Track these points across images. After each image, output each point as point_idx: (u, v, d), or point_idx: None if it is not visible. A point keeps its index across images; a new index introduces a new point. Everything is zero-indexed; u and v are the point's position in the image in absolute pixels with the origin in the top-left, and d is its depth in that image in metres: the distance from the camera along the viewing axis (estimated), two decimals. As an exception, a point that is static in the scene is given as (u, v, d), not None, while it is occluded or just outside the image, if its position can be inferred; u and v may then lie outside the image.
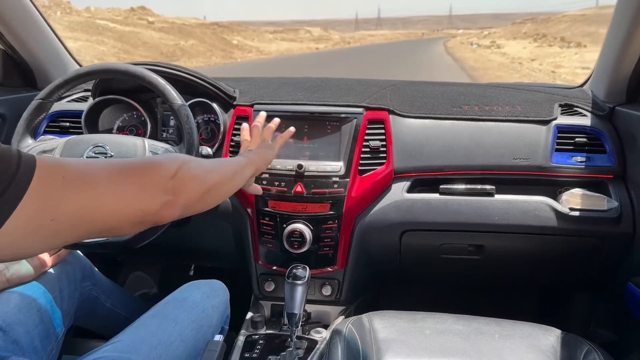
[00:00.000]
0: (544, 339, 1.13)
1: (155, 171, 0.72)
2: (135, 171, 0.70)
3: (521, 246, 1.37)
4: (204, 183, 0.81)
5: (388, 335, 1.14)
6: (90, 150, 1.18)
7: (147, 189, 0.69)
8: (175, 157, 0.78)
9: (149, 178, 0.70)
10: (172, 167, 0.74)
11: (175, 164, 0.75)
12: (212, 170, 0.86)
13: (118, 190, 0.66)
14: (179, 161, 0.76)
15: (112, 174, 0.66)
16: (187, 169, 0.77)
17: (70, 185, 0.60)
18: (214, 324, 1.13)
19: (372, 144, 1.34)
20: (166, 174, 0.73)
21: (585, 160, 1.33)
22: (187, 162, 0.78)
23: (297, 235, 1.31)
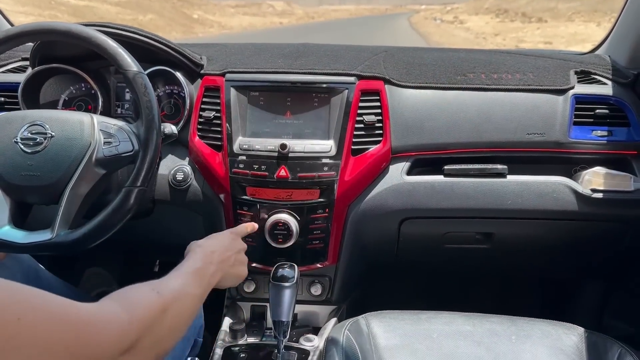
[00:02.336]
0: (566, 339, 1.01)
1: (97, 343, 0.52)
2: (69, 333, 0.50)
3: (535, 233, 1.25)
4: (167, 348, 0.65)
5: (390, 341, 1.00)
6: (26, 130, 0.96)
7: None
8: (137, 316, 0.58)
9: (84, 351, 0.51)
10: (127, 338, 0.55)
11: (134, 333, 0.56)
12: (181, 319, 0.69)
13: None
14: (139, 327, 0.58)
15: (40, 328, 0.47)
16: (151, 339, 0.59)
17: None
18: (185, 338, 0.94)
19: (367, 119, 1.16)
20: (113, 350, 0.54)
21: (607, 135, 1.20)
22: (152, 326, 0.60)
23: (281, 227, 1.13)
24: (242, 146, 1.15)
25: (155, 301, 0.63)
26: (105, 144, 0.96)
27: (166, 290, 0.67)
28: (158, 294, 0.64)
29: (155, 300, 0.63)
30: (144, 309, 0.60)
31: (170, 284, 0.71)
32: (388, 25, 34.18)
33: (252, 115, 1.19)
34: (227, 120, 1.17)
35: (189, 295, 0.73)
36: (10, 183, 0.95)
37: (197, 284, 0.78)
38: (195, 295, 0.75)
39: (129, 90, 1.16)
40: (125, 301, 0.60)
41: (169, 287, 0.69)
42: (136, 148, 0.96)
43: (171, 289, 0.69)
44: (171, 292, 0.68)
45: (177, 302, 0.67)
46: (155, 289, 0.66)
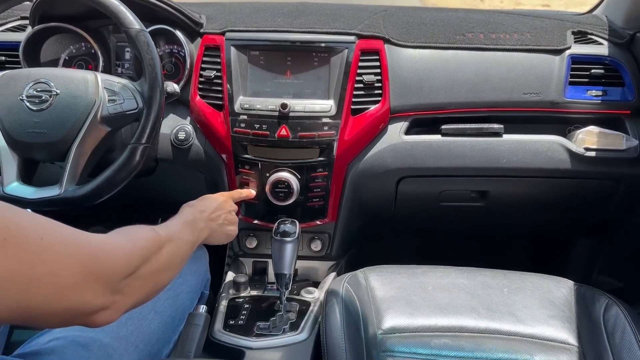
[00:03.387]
0: (556, 291, 1.05)
1: (108, 264, 0.58)
2: (84, 253, 0.56)
3: (529, 191, 1.28)
4: (163, 280, 0.72)
5: (387, 292, 1.05)
6: (31, 88, 0.97)
7: (90, 283, 0.55)
8: (139, 245, 0.66)
9: (97, 269, 0.56)
10: (130, 264, 0.62)
11: (136, 259, 0.63)
12: (175, 258, 0.76)
13: (56, 275, 0.52)
14: (141, 254, 0.65)
15: (60, 247, 0.53)
16: (149, 268, 0.66)
17: (9, 251, 0.48)
18: (193, 290, 0.99)
19: (366, 78, 1.17)
20: (120, 271, 0.60)
21: (602, 94, 1.21)
22: (150, 257, 0.66)
23: (282, 185, 1.16)
24: (243, 106, 1.17)
25: (153, 237, 0.70)
26: (110, 101, 0.97)
27: (162, 232, 0.74)
28: (156, 233, 0.72)
29: (153, 236, 0.71)
30: (144, 241, 0.68)
31: (165, 228, 0.79)
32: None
33: (253, 75, 1.19)
34: (228, 79, 1.18)
35: (181, 239, 0.80)
36: (17, 140, 0.96)
37: (189, 232, 0.85)
38: (187, 240, 0.83)
39: (132, 49, 1.16)
40: (129, 234, 0.67)
41: (165, 230, 0.76)
42: (140, 106, 0.97)
43: (167, 232, 0.76)
44: (167, 234, 0.75)
45: (171, 243, 0.74)
46: (154, 229, 0.73)
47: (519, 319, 0.97)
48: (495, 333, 0.94)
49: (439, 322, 0.97)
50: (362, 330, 0.96)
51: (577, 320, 0.98)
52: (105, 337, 0.80)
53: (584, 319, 0.98)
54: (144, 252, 0.66)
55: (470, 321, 0.97)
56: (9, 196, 0.96)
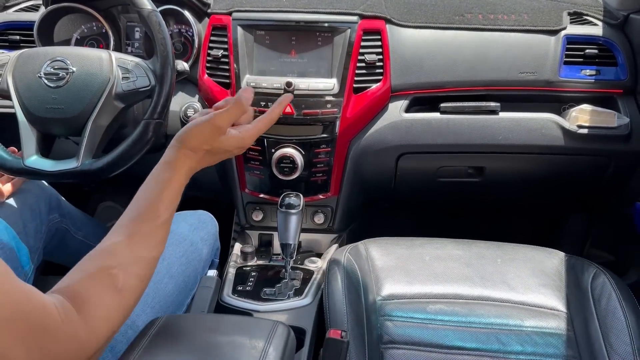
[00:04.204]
0: (547, 262, 1.10)
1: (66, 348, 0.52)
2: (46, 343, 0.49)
3: (524, 167, 1.32)
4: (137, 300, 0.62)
5: (387, 262, 1.10)
6: (48, 66, 1.02)
7: None
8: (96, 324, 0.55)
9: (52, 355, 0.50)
10: (91, 349, 0.54)
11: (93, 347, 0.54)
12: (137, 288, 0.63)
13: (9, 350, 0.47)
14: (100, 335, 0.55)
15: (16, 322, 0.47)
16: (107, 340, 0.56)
17: None
18: (204, 257, 1.04)
19: (368, 58, 1.21)
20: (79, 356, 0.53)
21: (595, 74, 1.25)
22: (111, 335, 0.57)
23: (287, 161, 1.21)
24: (250, 84, 1.21)
25: (115, 303, 0.60)
26: (124, 79, 1.02)
27: (127, 282, 0.61)
28: (119, 294, 0.60)
29: (117, 303, 0.60)
30: (106, 322, 0.57)
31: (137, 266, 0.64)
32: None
33: (259, 54, 1.23)
34: (235, 58, 1.21)
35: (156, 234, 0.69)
36: (36, 116, 1.01)
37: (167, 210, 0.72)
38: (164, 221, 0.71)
39: (143, 28, 1.20)
40: (87, 311, 0.56)
41: (134, 276, 0.63)
42: (152, 83, 1.02)
43: (135, 277, 0.63)
44: (131, 287, 0.62)
45: (136, 287, 0.63)
46: (117, 284, 0.60)
47: (511, 287, 1.02)
48: (488, 300, 0.99)
49: (435, 290, 1.02)
50: (362, 297, 1.01)
51: (566, 289, 1.02)
52: None
53: (573, 287, 1.02)
54: (101, 333, 0.56)
55: (464, 289, 1.02)
56: (30, 169, 1.01)
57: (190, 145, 0.76)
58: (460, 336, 0.93)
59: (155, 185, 0.72)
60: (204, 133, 0.77)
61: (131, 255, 0.64)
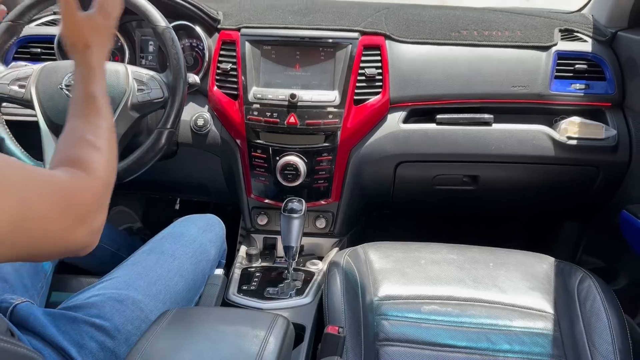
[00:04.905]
0: (537, 267, 1.15)
1: (85, 206, 0.64)
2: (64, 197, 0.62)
3: (516, 176, 1.37)
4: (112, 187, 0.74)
5: (384, 265, 1.15)
6: (70, 78, 1.09)
7: (76, 226, 0.63)
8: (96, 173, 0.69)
9: (78, 214, 0.63)
10: (101, 200, 0.68)
11: (104, 195, 0.70)
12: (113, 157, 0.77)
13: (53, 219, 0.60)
14: (102, 179, 0.69)
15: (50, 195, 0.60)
16: (108, 190, 0.71)
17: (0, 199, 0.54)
18: (212, 258, 1.11)
19: (368, 72, 1.28)
20: (94, 211, 0.66)
21: (585, 88, 1.31)
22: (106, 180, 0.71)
23: (291, 168, 1.28)
24: (256, 95, 1.28)
25: (101, 158, 0.72)
26: (139, 90, 1.09)
27: (101, 142, 0.74)
28: (99, 151, 0.72)
29: (100, 157, 0.72)
30: (99, 169, 0.70)
31: (99, 134, 0.75)
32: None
33: (265, 67, 1.31)
34: (243, 71, 1.29)
35: (110, 131, 0.78)
36: (57, 124, 1.09)
37: (109, 113, 0.82)
38: (111, 125, 0.80)
39: (158, 43, 1.27)
40: (84, 167, 0.69)
41: (101, 138, 0.74)
42: (166, 95, 1.09)
43: (103, 140, 0.75)
44: (104, 143, 0.74)
45: (109, 148, 0.75)
46: (94, 145, 0.72)
47: (502, 290, 1.07)
48: (479, 301, 1.04)
49: (429, 291, 1.07)
50: (360, 297, 1.07)
51: (554, 292, 1.07)
52: (137, 294, 0.92)
53: (561, 290, 1.07)
54: (102, 180, 0.69)
55: (457, 291, 1.07)
56: (51, 173, 1.09)
57: (78, 44, 0.82)
58: (452, 335, 0.97)
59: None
60: (70, 26, 0.82)
61: (90, 127, 0.76)
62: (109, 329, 0.85)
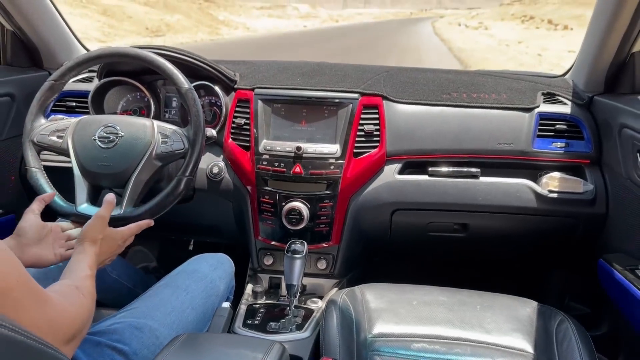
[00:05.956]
0: (521, 310, 1.23)
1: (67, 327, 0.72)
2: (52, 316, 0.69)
3: (503, 225, 1.47)
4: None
5: (379, 305, 1.23)
6: (102, 130, 1.23)
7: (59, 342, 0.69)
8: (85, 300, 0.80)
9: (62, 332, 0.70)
10: (76, 327, 0.75)
11: (78, 324, 0.76)
12: None
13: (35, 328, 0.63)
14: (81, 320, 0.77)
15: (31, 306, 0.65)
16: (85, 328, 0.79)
17: None
18: (221, 294, 1.21)
19: (367, 128, 1.42)
20: (70, 335, 0.73)
21: (565, 146, 1.42)
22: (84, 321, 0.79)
23: (295, 212, 1.40)
24: (266, 147, 1.42)
25: (81, 303, 0.81)
26: (163, 142, 1.23)
27: (85, 290, 0.85)
28: (84, 297, 0.82)
29: (81, 301, 0.81)
30: (79, 307, 0.79)
31: (84, 285, 0.87)
32: (410, 30, 33.98)
33: (275, 123, 1.45)
34: (255, 126, 1.44)
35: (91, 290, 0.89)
36: (89, 171, 1.22)
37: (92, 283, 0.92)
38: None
39: (181, 101, 1.42)
40: (70, 300, 0.78)
41: (86, 287, 0.86)
42: (186, 147, 1.22)
43: (88, 290, 0.86)
44: (89, 292, 0.86)
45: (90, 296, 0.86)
46: (81, 291, 0.83)
47: (487, 331, 1.16)
48: (465, 341, 1.13)
49: (419, 330, 1.16)
50: (354, 333, 1.15)
51: (535, 333, 1.15)
52: (154, 323, 1.03)
53: (541, 331, 1.16)
54: (82, 317, 0.77)
55: (445, 330, 1.16)
56: (81, 214, 1.21)
57: (90, 237, 0.99)
58: (438, 371, 1.06)
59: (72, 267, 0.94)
60: (95, 225, 1.02)
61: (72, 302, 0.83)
62: (128, 352, 0.96)
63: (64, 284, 0.83)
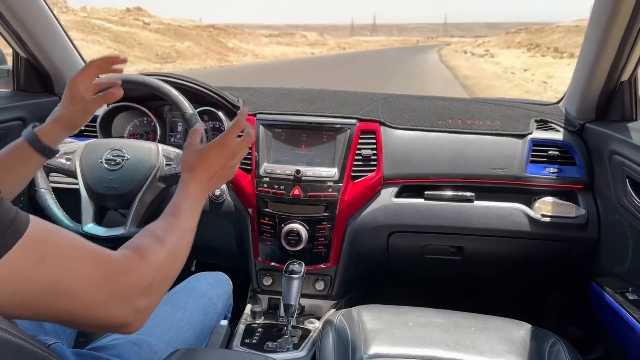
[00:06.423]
0: (515, 332, 1.25)
1: (127, 284, 0.67)
2: (106, 273, 0.65)
3: (497, 248, 1.50)
4: (173, 277, 0.80)
5: (375, 326, 1.26)
6: (109, 154, 1.29)
7: (113, 300, 0.66)
8: (151, 261, 0.72)
9: (118, 288, 0.66)
10: (145, 281, 0.70)
11: (149, 276, 0.71)
12: (181, 253, 0.82)
13: (82, 289, 0.62)
14: (153, 271, 0.72)
15: (92, 268, 0.64)
16: (160, 277, 0.74)
17: (45, 266, 0.58)
18: (219, 311, 1.24)
19: (364, 152, 1.46)
20: (137, 290, 0.69)
21: (557, 172, 1.45)
22: (160, 267, 0.73)
23: (294, 234, 1.43)
24: (267, 170, 1.47)
25: (161, 250, 0.75)
26: (167, 165, 1.28)
27: (168, 238, 0.78)
28: (162, 244, 0.76)
29: (160, 247, 0.75)
30: (155, 256, 0.73)
31: (170, 231, 0.80)
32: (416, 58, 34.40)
33: (275, 147, 1.50)
34: (256, 149, 1.48)
35: (186, 232, 0.85)
36: (95, 192, 1.27)
37: (193, 217, 0.89)
38: (191, 228, 0.87)
39: (185, 126, 1.47)
40: (139, 251, 0.72)
41: (170, 235, 0.79)
42: None
43: (172, 236, 0.79)
44: (172, 240, 0.79)
45: (176, 244, 0.79)
46: (160, 238, 0.77)
47: (481, 352, 1.17)
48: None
49: (414, 352, 1.17)
50: (350, 353, 1.17)
51: (528, 355, 1.17)
52: (152, 339, 1.06)
53: (534, 353, 1.17)
54: (155, 267, 0.72)
55: (440, 352, 1.17)
56: (86, 234, 1.26)
57: (186, 166, 0.93)
58: (432, 392, 1.08)
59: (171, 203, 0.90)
60: (186, 154, 0.94)
61: (163, 224, 0.82)
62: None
63: (144, 233, 0.79)
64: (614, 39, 1.30)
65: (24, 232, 0.57)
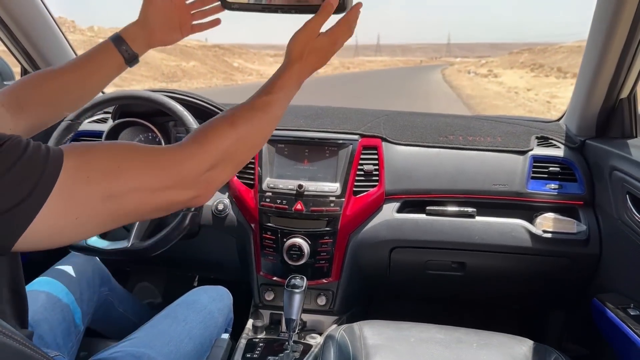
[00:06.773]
0: (517, 349, 1.24)
1: (183, 171, 0.69)
2: (168, 164, 0.68)
3: (499, 264, 1.50)
4: (247, 157, 0.79)
5: (376, 342, 1.25)
6: None
7: (173, 186, 0.69)
8: (212, 147, 0.72)
9: (175, 176, 0.69)
10: (203, 165, 0.71)
11: (209, 160, 0.72)
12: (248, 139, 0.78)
13: (146, 182, 0.66)
14: (214, 155, 0.72)
15: (143, 163, 0.67)
16: (228, 157, 0.74)
17: (95, 182, 0.61)
18: (219, 325, 1.25)
19: (366, 167, 1.48)
20: (195, 173, 0.71)
21: (558, 188, 1.46)
22: (226, 149, 0.73)
23: (296, 249, 1.44)
24: (269, 185, 1.48)
25: (230, 134, 0.74)
26: None
27: (239, 121, 0.76)
28: (232, 126, 0.75)
29: (229, 132, 0.74)
30: (219, 142, 0.73)
31: (248, 120, 0.77)
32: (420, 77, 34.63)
33: (278, 162, 1.52)
34: (259, 164, 1.50)
35: (269, 122, 0.80)
36: None
37: (279, 108, 0.82)
38: (276, 117, 0.81)
39: None
40: (203, 139, 0.73)
41: (243, 117, 0.77)
42: None
43: (244, 118, 0.77)
44: (244, 122, 0.76)
45: (248, 132, 0.76)
46: (229, 120, 0.75)
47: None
48: None
49: None
50: None
51: None
52: (152, 352, 1.07)
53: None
54: (219, 153, 0.72)
55: None
56: (90, 246, 1.27)
57: (295, 52, 0.84)
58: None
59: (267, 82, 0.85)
60: (302, 37, 0.84)
61: (243, 109, 0.79)
62: None
63: (223, 114, 0.78)
64: (612, 57, 1.32)
65: (61, 163, 0.59)
